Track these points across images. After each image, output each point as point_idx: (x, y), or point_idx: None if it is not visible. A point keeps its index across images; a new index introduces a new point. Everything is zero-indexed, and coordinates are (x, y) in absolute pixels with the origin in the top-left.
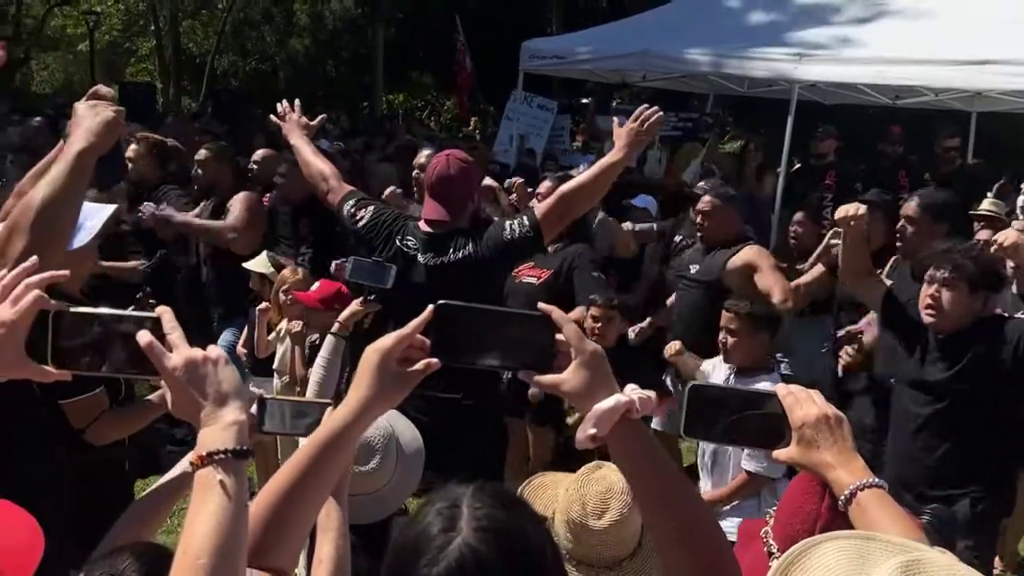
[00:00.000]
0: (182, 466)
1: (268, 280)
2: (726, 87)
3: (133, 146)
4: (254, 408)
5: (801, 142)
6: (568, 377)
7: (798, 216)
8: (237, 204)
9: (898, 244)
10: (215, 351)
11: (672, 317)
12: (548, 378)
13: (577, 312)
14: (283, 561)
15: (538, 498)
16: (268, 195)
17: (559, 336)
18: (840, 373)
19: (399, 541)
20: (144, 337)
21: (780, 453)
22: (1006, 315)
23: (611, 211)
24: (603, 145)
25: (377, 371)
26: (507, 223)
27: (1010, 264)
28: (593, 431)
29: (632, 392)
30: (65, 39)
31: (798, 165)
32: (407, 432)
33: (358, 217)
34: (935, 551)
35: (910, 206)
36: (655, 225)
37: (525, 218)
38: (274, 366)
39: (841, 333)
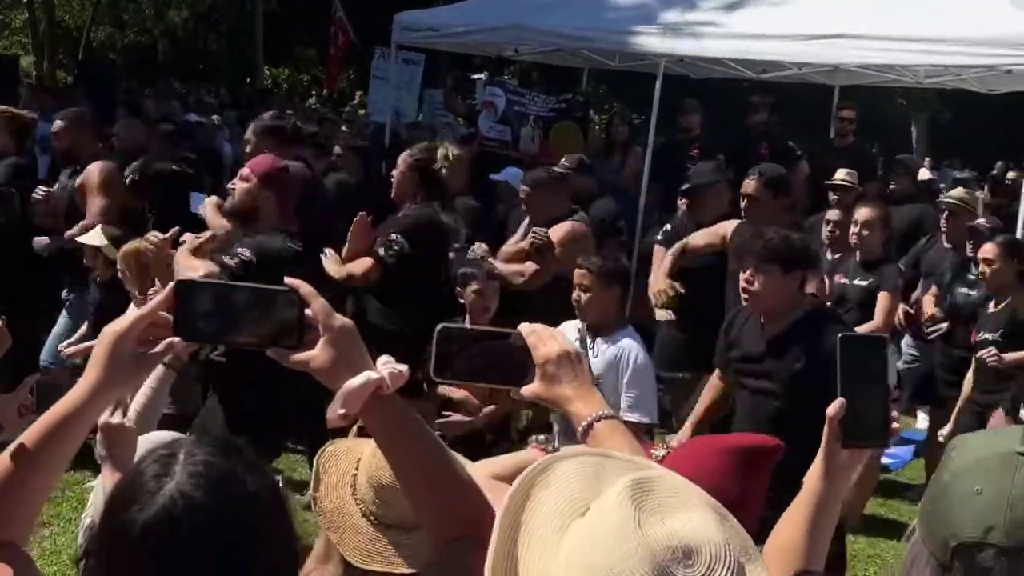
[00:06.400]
0: None
1: (103, 255)
2: (599, 61)
3: None
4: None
5: (673, 117)
6: (317, 354)
7: None
8: (94, 198)
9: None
10: None
11: None
12: (297, 356)
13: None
14: (11, 534)
15: (335, 465)
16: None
17: (308, 311)
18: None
19: (115, 488)
20: None
21: (525, 390)
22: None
23: (478, 186)
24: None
25: (110, 353)
26: None
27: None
28: (342, 410)
29: (384, 368)
30: None
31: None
32: None
33: None
34: (663, 470)
35: (750, 184)
36: None
37: None
38: None
39: None
